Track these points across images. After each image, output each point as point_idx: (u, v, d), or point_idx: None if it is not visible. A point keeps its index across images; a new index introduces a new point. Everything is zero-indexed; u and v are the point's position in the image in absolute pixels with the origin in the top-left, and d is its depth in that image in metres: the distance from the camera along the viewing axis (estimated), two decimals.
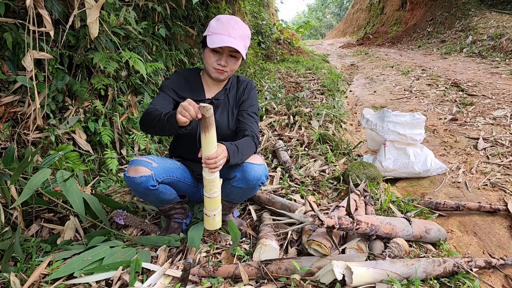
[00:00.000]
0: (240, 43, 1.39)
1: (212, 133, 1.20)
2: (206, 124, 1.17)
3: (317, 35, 33.40)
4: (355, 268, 1.19)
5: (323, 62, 8.84)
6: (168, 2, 3.09)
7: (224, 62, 1.42)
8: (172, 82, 1.54)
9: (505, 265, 1.44)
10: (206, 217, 1.41)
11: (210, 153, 1.21)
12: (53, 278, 1.29)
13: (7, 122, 1.87)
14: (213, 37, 1.37)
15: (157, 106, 1.43)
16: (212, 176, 1.28)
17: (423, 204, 1.97)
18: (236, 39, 1.38)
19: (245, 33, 1.42)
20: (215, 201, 1.36)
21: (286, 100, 3.91)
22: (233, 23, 1.38)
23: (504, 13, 9.56)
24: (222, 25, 1.38)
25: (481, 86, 4.67)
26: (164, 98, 1.50)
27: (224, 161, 1.27)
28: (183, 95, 1.52)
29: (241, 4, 6.31)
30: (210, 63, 1.43)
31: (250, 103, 1.57)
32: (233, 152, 1.30)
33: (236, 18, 1.41)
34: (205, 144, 1.21)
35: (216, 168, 1.24)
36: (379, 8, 17.80)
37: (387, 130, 2.45)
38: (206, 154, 1.22)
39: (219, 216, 1.42)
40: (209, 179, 1.29)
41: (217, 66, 1.43)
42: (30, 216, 1.74)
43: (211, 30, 1.39)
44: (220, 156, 1.23)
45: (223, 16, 1.41)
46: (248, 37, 1.44)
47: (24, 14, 1.88)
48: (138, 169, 1.39)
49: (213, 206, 1.38)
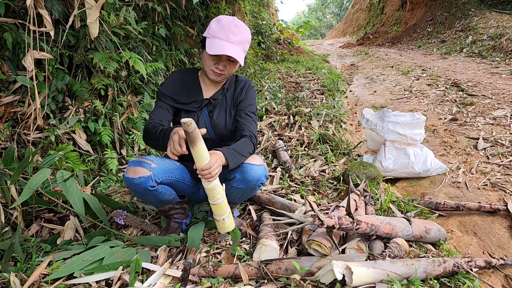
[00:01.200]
0: (239, 49, 1.38)
1: (200, 145, 1.19)
2: (191, 139, 1.16)
3: (317, 35, 33.40)
4: (355, 268, 1.19)
5: (323, 62, 8.84)
6: (168, 2, 3.09)
7: (222, 67, 1.42)
8: (168, 88, 1.53)
9: (505, 265, 1.43)
10: (217, 222, 1.44)
11: (203, 165, 1.21)
12: (53, 278, 1.29)
13: (7, 122, 1.87)
14: (212, 41, 1.36)
15: (156, 119, 1.46)
16: (210, 185, 1.29)
17: (423, 204, 1.97)
18: (236, 44, 1.36)
19: (245, 38, 1.40)
20: (220, 207, 1.38)
21: (286, 100, 3.91)
22: (234, 28, 1.36)
23: (504, 13, 9.56)
24: (222, 29, 1.35)
25: (481, 86, 4.67)
26: (162, 108, 1.51)
27: (219, 169, 1.27)
28: (180, 98, 1.52)
29: (241, 4, 6.31)
30: (208, 65, 1.43)
31: (248, 102, 1.56)
32: (231, 156, 1.30)
33: (237, 21, 1.39)
34: (196, 157, 1.21)
35: (212, 177, 1.24)
36: (379, 8, 17.80)
37: (387, 130, 2.45)
38: (199, 166, 1.22)
39: (229, 219, 1.43)
40: (209, 188, 1.31)
41: (215, 69, 1.43)
42: (30, 216, 1.74)
43: (210, 33, 1.38)
44: (214, 165, 1.22)
45: (224, 18, 1.39)
46: (248, 42, 1.43)
47: (24, 14, 1.88)
48: (137, 170, 1.38)
49: (220, 211, 1.39)
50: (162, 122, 1.47)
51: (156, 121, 1.46)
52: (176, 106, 1.53)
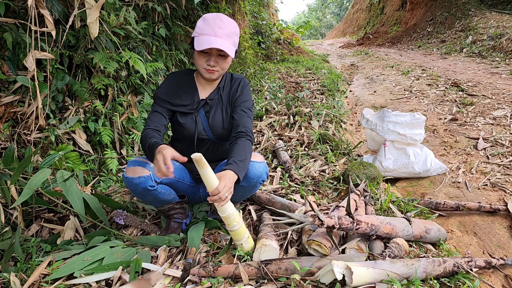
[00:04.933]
0: (228, 42, 1.37)
1: (206, 171, 1.19)
2: (200, 166, 1.19)
3: (317, 35, 33.41)
4: (355, 268, 1.19)
5: (323, 62, 8.84)
6: (168, 2, 3.09)
7: (214, 63, 1.41)
8: (163, 91, 1.53)
9: (505, 265, 1.43)
10: (238, 245, 1.45)
11: (212, 189, 1.20)
12: (53, 278, 1.29)
13: (7, 122, 1.87)
14: (200, 38, 1.35)
15: (152, 125, 1.46)
16: (225, 213, 1.31)
17: (423, 204, 1.97)
18: (223, 38, 1.35)
19: (232, 31, 1.39)
20: (238, 233, 1.40)
21: (286, 100, 3.91)
22: (219, 22, 1.35)
23: (504, 13, 9.56)
24: (208, 25, 1.35)
25: (481, 86, 4.67)
26: (158, 113, 1.51)
27: (231, 192, 1.23)
28: (177, 101, 1.52)
29: (241, 4, 6.31)
30: (200, 64, 1.43)
31: (243, 98, 1.55)
32: (239, 170, 1.28)
33: (222, 16, 1.38)
34: (205, 181, 1.21)
35: (223, 201, 1.21)
36: (379, 8, 17.80)
37: (387, 130, 2.45)
38: (209, 191, 1.21)
39: (247, 244, 1.45)
40: (224, 216, 1.32)
41: (207, 66, 1.42)
42: (30, 216, 1.74)
43: (197, 31, 1.37)
44: (224, 189, 1.19)
45: (209, 15, 1.38)
46: (236, 34, 1.42)
47: (24, 14, 1.88)
48: (136, 170, 1.38)
49: (238, 237, 1.41)
50: (158, 128, 1.47)
51: (151, 127, 1.45)
52: (173, 109, 1.53)
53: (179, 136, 1.60)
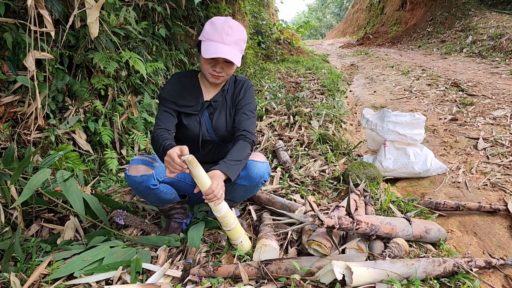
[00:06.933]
0: (235, 50, 1.36)
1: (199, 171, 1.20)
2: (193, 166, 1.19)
3: (317, 35, 33.42)
4: (355, 268, 1.19)
5: (323, 62, 8.84)
6: (168, 2, 3.09)
7: (219, 69, 1.40)
8: (168, 92, 1.52)
9: (505, 265, 1.43)
10: (235, 245, 1.46)
11: (205, 189, 1.21)
12: (53, 278, 1.29)
13: (7, 122, 1.87)
14: (207, 44, 1.34)
15: (162, 125, 1.45)
16: (221, 213, 1.31)
17: (423, 204, 1.97)
18: (231, 46, 1.34)
19: (240, 37, 1.38)
20: (235, 231, 1.40)
21: (286, 100, 3.91)
22: (227, 28, 1.33)
23: (504, 13, 9.56)
24: (216, 31, 1.33)
25: (481, 86, 4.67)
26: (167, 113, 1.50)
27: (223, 189, 1.26)
28: (181, 101, 1.52)
29: (241, 4, 6.31)
30: (206, 69, 1.42)
31: (246, 101, 1.55)
32: (229, 170, 1.29)
33: (231, 21, 1.37)
34: (198, 181, 1.22)
35: (218, 199, 1.23)
36: (379, 8, 17.80)
37: (387, 130, 2.45)
38: (203, 191, 1.23)
39: (246, 241, 1.46)
40: (220, 216, 1.33)
41: (212, 72, 1.42)
42: (30, 216, 1.74)
43: (205, 36, 1.36)
44: (217, 188, 1.21)
45: (218, 19, 1.37)
46: (243, 41, 1.41)
47: (24, 14, 1.88)
48: (139, 168, 1.39)
49: (235, 236, 1.42)
50: (168, 127, 1.45)
51: (162, 128, 1.44)
52: (178, 110, 1.52)
53: (182, 137, 1.61)
